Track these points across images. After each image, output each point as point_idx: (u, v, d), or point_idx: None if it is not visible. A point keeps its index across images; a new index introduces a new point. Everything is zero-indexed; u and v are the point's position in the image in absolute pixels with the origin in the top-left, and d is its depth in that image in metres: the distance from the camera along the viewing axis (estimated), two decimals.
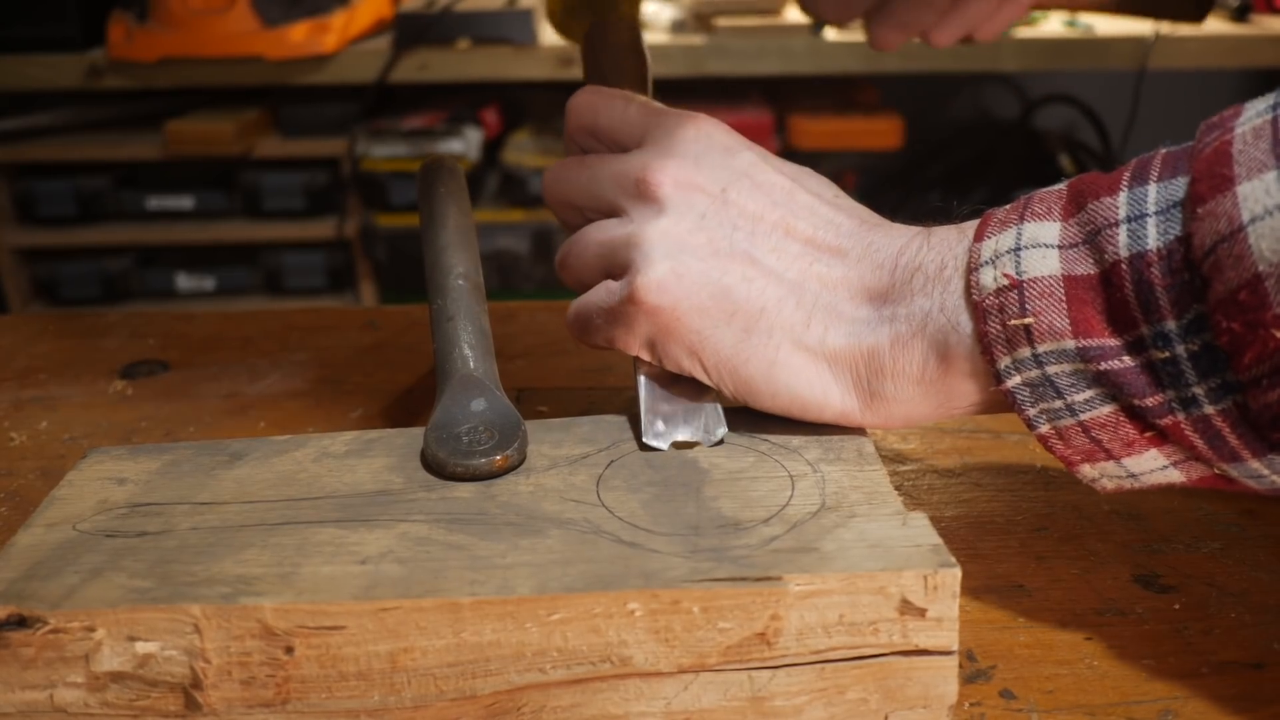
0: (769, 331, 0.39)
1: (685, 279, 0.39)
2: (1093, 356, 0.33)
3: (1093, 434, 0.35)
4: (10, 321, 0.73)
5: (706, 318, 0.39)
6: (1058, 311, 0.34)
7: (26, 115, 1.86)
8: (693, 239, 0.40)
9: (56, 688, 0.32)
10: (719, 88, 1.92)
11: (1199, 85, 2.17)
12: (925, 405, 0.38)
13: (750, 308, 0.39)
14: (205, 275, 1.93)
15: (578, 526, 0.35)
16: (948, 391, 0.37)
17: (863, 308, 0.39)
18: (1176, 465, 0.34)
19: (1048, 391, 0.35)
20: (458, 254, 0.48)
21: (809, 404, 0.39)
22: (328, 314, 0.69)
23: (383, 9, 1.88)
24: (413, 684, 0.32)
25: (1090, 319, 0.34)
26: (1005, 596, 0.40)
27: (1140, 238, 0.33)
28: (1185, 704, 0.35)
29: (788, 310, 0.39)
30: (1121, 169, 0.35)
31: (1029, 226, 0.36)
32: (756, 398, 0.40)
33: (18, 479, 0.50)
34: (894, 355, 0.38)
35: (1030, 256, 0.35)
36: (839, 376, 0.39)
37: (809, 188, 0.41)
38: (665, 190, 0.40)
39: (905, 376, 0.38)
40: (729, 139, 0.42)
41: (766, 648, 0.32)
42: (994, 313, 0.35)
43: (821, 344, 0.39)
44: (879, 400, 0.38)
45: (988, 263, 0.36)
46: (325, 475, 0.39)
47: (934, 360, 0.37)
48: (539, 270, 1.85)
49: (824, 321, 0.39)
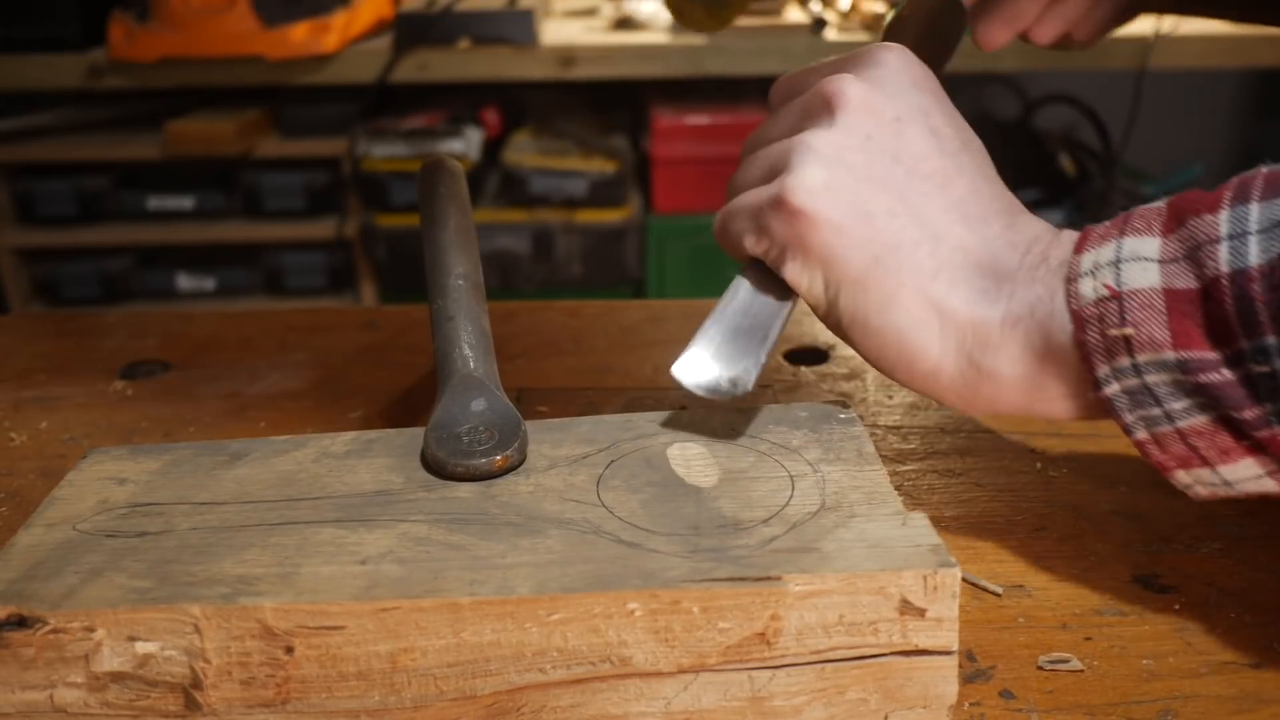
0: (897, 269, 0.39)
1: (834, 192, 0.39)
2: (1192, 368, 0.34)
3: (1189, 441, 0.35)
4: (10, 321, 0.73)
5: (842, 235, 0.39)
6: (1158, 323, 0.34)
7: (26, 115, 1.86)
8: (853, 156, 0.40)
9: (56, 688, 0.32)
10: (719, 88, 1.92)
11: (1199, 85, 2.17)
12: (1016, 389, 0.38)
13: (886, 240, 0.39)
14: (205, 275, 1.93)
15: (578, 526, 0.35)
16: (1039, 383, 0.38)
17: (987, 279, 0.39)
18: (1271, 475, 0.35)
19: (1146, 399, 0.35)
20: (458, 254, 0.48)
21: (907, 349, 0.39)
22: (328, 314, 0.69)
23: (383, 9, 1.88)
24: (413, 684, 0.32)
25: (1190, 331, 0.34)
26: (1005, 596, 0.40)
27: (1242, 254, 0.33)
28: (1185, 704, 0.35)
29: (921, 255, 0.39)
30: (1223, 188, 0.35)
31: (1129, 241, 0.36)
32: (860, 329, 0.40)
33: (18, 479, 0.50)
34: (1002, 332, 0.38)
35: (1130, 269, 0.35)
36: (945, 334, 0.39)
37: (974, 152, 0.42)
38: (841, 101, 0.40)
39: (1006, 355, 0.38)
40: (919, 74, 0.42)
41: (766, 648, 0.32)
42: (1093, 322, 0.36)
43: (944, 299, 0.39)
44: (974, 371, 0.39)
45: (1087, 274, 0.36)
46: (325, 475, 0.39)
47: (1036, 348, 0.37)
48: (539, 270, 1.84)
49: (950, 278, 0.39)
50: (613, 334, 0.65)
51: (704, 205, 1.88)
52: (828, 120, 0.41)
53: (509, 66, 1.77)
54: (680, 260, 1.90)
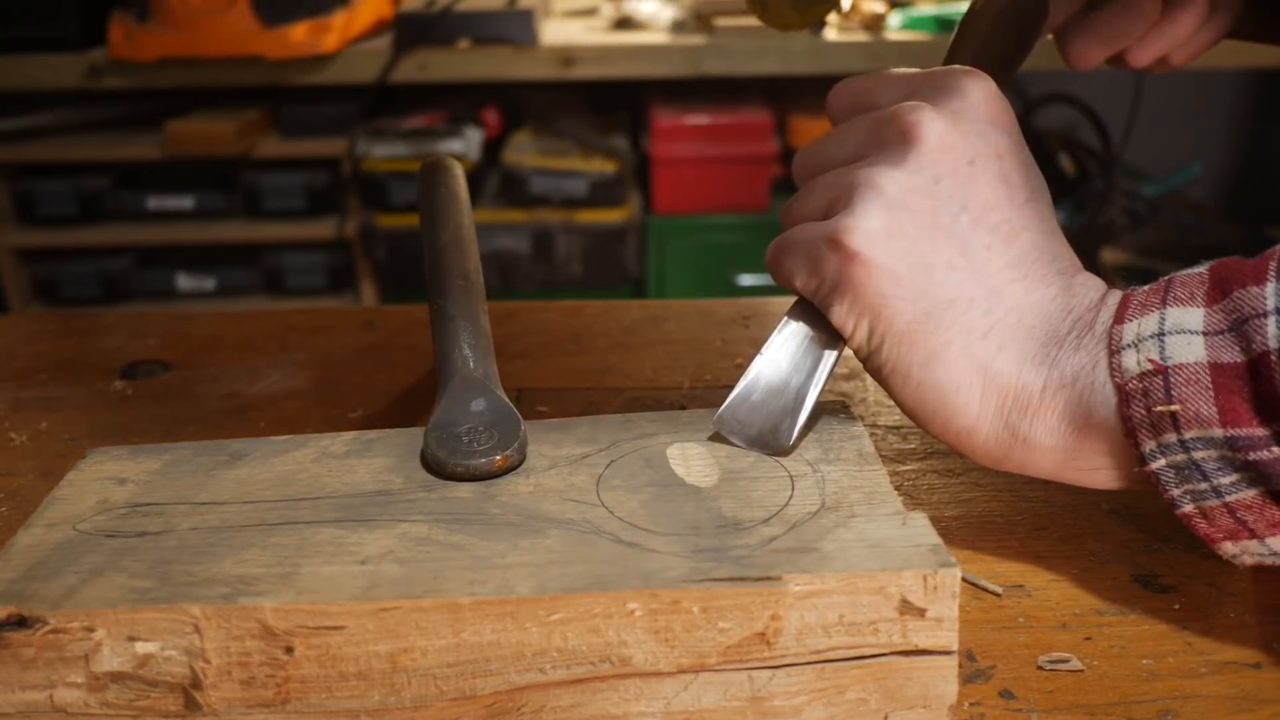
0: (948, 326, 0.38)
1: (894, 240, 0.38)
2: (1241, 446, 0.34)
3: (1238, 515, 0.35)
4: (10, 321, 0.73)
5: (897, 286, 0.38)
6: (1204, 399, 0.34)
7: (26, 115, 1.86)
8: (919, 201, 0.38)
9: (56, 688, 0.32)
10: (719, 88, 1.92)
11: (1199, 85, 2.17)
12: (1051, 458, 0.38)
13: (942, 295, 0.38)
14: (205, 275, 1.93)
15: (577, 526, 0.35)
16: (1078, 451, 0.37)
17: (1036, 343, 0.38)
18: None
19: (1193, 474, 0.35)
20: (458, 254, 0.48)
21: (945, 405, 0.39)
22: (327, 314, 0.69)
23: (383, 9, 1.88)
24: (413, 684, 0.32)
25: (1238, 408, 0.34)
26: (1005, 596, 0.40)
27: None
28: (1185, 704, 0.35)
29: (975, 314, 0.38)
30: (1266, 257, 0.35)
31: (1172, 311, 0.36)
32: (900, 380, 0.39)
33: (18, 479, 0.50)
34: (1043, 399, 0.37)
35: (1175, 342, 0.35)
36: (986, 396, 0.38)
37: (1041, 203, 0.40)
38: (917, 136, 0.39)
39: (1044, 424, 0.37)
40: (999, 109, 0.40)
41: (766, 648, 0.32)
42: (1138, 396, 0.35)
43: (990, 360, 0.38)
44: (1009, 434, 0.38)
45: (1130, 345, 0.36)
46: (325, 475, 0.39)
47: (1075, 417, 0.37)
48: (539, 270, 1.84)
49: (1000, 340, 0.38)
50: (613, 334, 0.65)
51: (704, 205, 1.88)
52: (900, 155, 0.39)
53: (509, 66, 1.77)
54: (680, 260, 1.90)
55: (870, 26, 1.81)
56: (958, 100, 0.40)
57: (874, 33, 1.80)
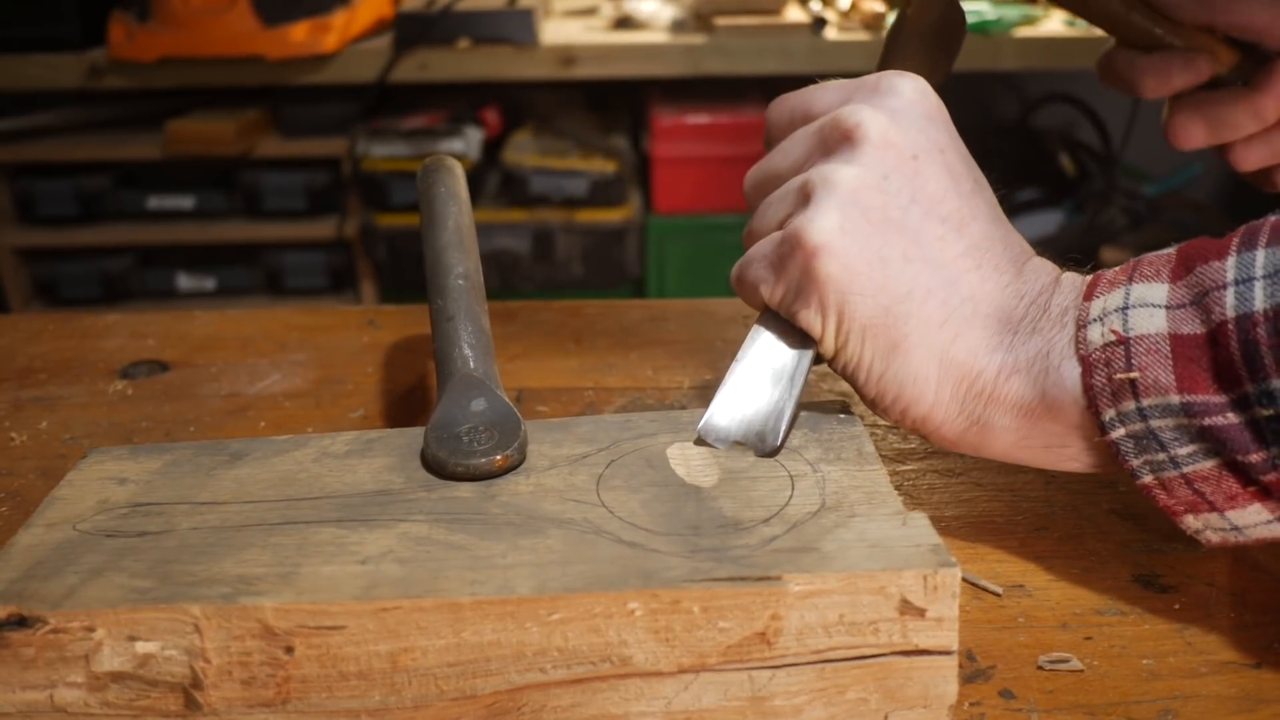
0: (907, 317, 0.39)
1: (849, 236, 0.39)
2: (1196, 412, 0.34)
3: (1195, 486, 0.35)
4: (10, 321, 0.73)
5: (856, 281, 0.39)
6: (1163, 367, 0.35)
7: (26, 115, 1.86)
8: (869, 197, 0.39)
9: (57, 688, 0.32)
10: (719, 87, 1.92)
11: None
12: (1004, 439, 0.39)
13: (898, 288, 0.39)
14: (205, 275, 1.93)
15: (578, 526, 0.35)
16: (1030, 432, 0.38)
17: (991, 329, 0.39)
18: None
19: (1151, 444, 0.35)
20: (458, 254, 0.48)
21: (904, 394, 0.39)
22: (328, 314, 0.69)
23: (383, 9, 1.88)
24: (413, 684, 0.32)
25: (1195, 376, 0.34)
26: (1005, 596, 0.40)
27: (1247, 299, 0.34)
28: (1185, 704, 0.35)
29: (931, 305, 0.39)
30: (1231, 235, 0.36)
31: (1137, 287, 0.36)
32: (865, 372, 0.40)
33: (18, 479, 0.50)
34: (997, 382, 0.38)
35: (1138, 315, 0.36)
36: (943, 383, 0.39)
37: (985, 192, 0.41)
38: (861, 135, 0.39)
39: (1001, 406, 0.38)
40: (934, 106, 0.41)
41: (766, 648, 0.32)
42: (1100, 366, 0.36)
43: (946, 349, 0.39)
44: (966, 418, 0.39)
45: (1096, 320, 0.37)
46: (325, 475, 0.39)
47: (1030, 399, 0.38)
48: (539, 270, 1.84)
49: (956, 328, 0.39)
50: (613, 334, 0.65)
51: (704, 205, 1.88)
52: (846, 155, 0.40)
53: (509, 66, 1.77)
54: (680, 260, 1.90)
55: (870, 26, 1.81)
56: (894, 99, 0.41)
57: (874, 32, 1.80)
